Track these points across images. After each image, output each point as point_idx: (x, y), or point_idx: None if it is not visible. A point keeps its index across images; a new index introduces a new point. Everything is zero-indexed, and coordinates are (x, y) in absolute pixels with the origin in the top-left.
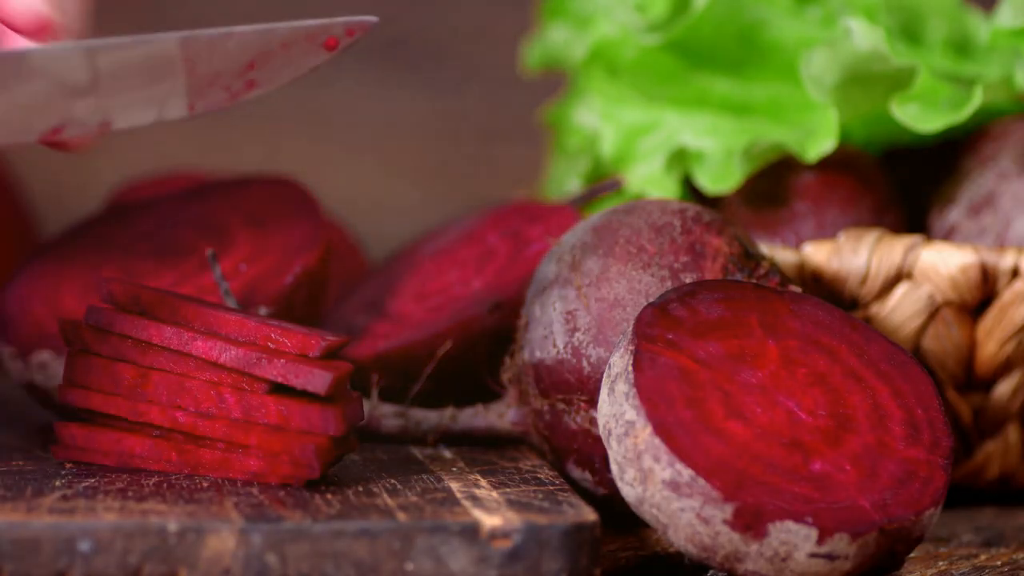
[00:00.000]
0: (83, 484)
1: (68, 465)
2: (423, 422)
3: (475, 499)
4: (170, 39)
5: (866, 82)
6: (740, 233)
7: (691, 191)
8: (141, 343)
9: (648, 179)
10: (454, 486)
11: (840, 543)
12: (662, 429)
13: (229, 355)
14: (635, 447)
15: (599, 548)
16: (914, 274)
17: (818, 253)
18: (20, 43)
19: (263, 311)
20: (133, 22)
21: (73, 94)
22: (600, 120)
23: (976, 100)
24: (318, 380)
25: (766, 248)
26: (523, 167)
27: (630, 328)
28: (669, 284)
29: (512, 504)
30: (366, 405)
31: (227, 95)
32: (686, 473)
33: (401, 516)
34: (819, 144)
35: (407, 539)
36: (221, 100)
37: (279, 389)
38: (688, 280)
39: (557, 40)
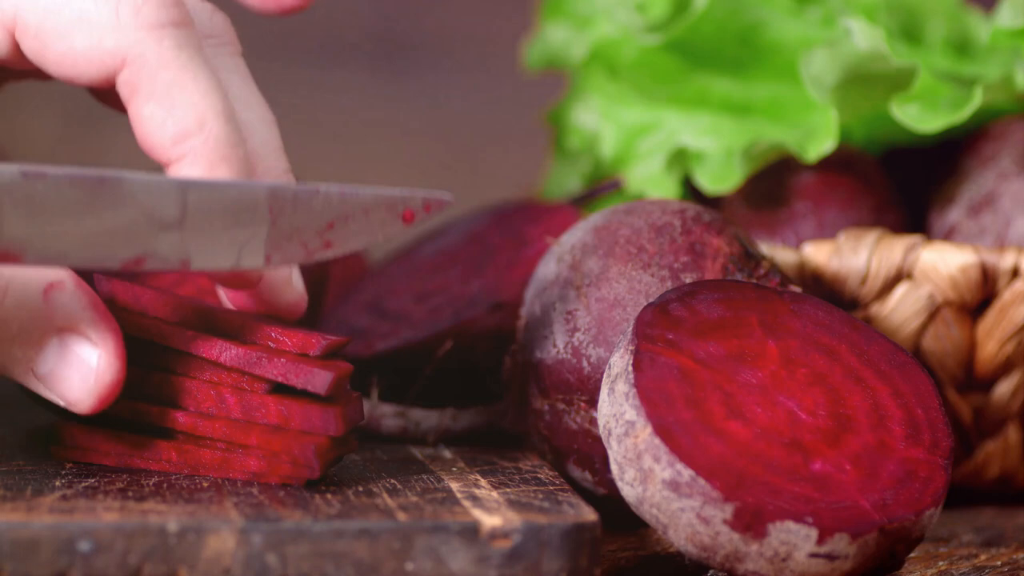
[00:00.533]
0: (83, 484)
1: (68, 465)
2: (423, 422)
3: (475, 499)
4: (260, 187)
5: (866, 82)
6: (740, 233)
7: (691, 191)
8: (141, 342)
9: (648, 179)
10: (454, 486)
11: (840, 543)
12: (662, 429)
13: (229, 355)
14: (635, 447)
15: (599, 548)
16: (914, 274)
17: (818, 253)
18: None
19: None
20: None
21: (160, 227)
22: (600, 120)
23: (976, 100)
24: (318, 380)
25: (766, 248)
26: (523, 167)
27: (630, 328)
28: (669, 284)
29: (512, 504)
30: (366, 405)
31: (304, 252)
32: (686, 473)
33: (401, 516)
34: (819, 144)
35: (407, 539)
36: (296, 255)
37: (279, 389)
38: (688, 280)
39: (557, 40)
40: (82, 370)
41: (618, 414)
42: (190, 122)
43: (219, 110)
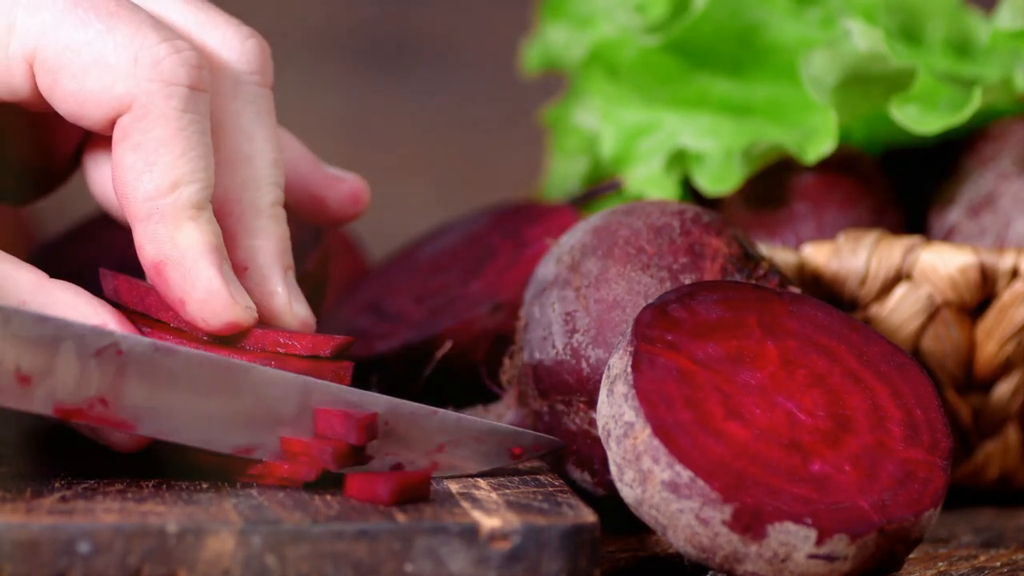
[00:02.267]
0: (82, 485)
1: (67, 466)
2: None
3: (474, 500)
4: (380, 400)
5: (866, 83)
6: (739, 234)
7: (691, 192)
8: None
9: (647, 180)
10: (453, 487)
11: (839, 544)
12: (661, 430)
13: None
14: (634, 448)
15: (598, 549)
16: (913, 275)
17: (818, 254)
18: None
19: None
20: None
21: (277, 422)
22: (600, 121)
23: (975, 102)
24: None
25: (765, 249)
26: (523, 167)
27: (629, 329)
28: (668, 285)
29: (511, 505)
30: None
31: (410, 467)
32: (685, 474)
33: (400, 517)
34: (819, 145)
35: (407, 540)
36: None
37: None
38: (687, 281)
39: (557, 40)
40: None
41: (617, 415)
42: (165, 184)
43: (198, 176)
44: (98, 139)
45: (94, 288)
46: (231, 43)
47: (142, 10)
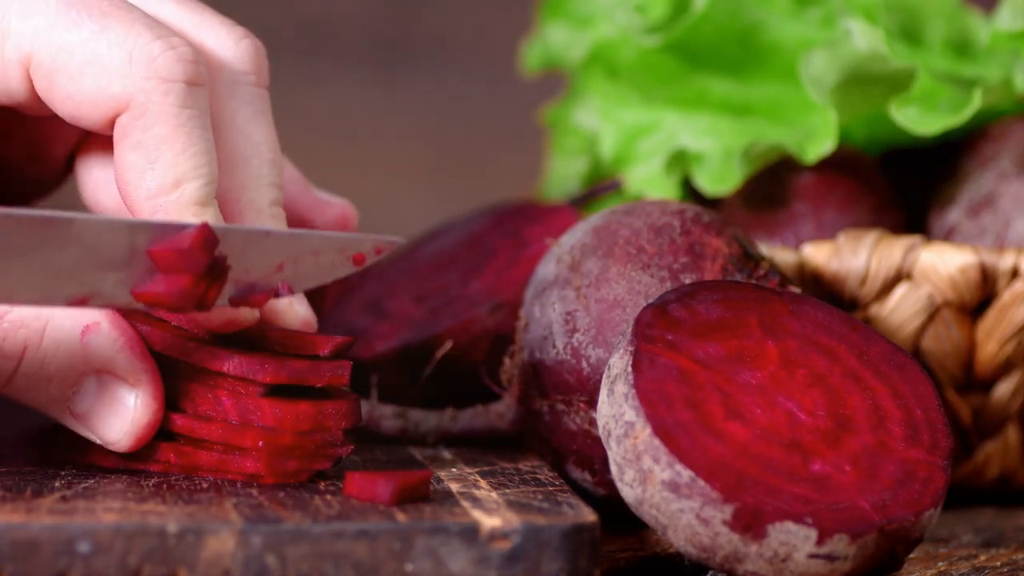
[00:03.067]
0: (82, 485)
1: (67, 466)
2: (422, 423)
3: (474, 500)
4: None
5: (865, 83)
6: (739, 234)
7: (691, 192)
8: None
9: (647, 180)
10: (453, 487)
11: (839, 544)
12: (661, 430)
13: (232, 363)
14: (634, 448)
15: (599, 549)
16: (913, 275)
17: (818, 254)
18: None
19: None
20: None
21: (107, 267)
22: (600, 121)
23: (975, 103)
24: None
25: (765, 249)
26: (523, 167)
27: (629, 329)
28: (668, 285)
29: (511, 505)
30: (365, 406)
31: (257, 290)
32: (685, 474)
33: (400, 517)
34: (818, 145)
35: (407, 540)
36: (248, 296)
37: (274, 392)
38: (687, 281)
39: (557, 40)
40: (119, 411)
41: (617, 415)
42: (168, 181)
43: (201, 172)
44: (90, 146)
45: None
46: (226, 44)
47: (136, 9)
